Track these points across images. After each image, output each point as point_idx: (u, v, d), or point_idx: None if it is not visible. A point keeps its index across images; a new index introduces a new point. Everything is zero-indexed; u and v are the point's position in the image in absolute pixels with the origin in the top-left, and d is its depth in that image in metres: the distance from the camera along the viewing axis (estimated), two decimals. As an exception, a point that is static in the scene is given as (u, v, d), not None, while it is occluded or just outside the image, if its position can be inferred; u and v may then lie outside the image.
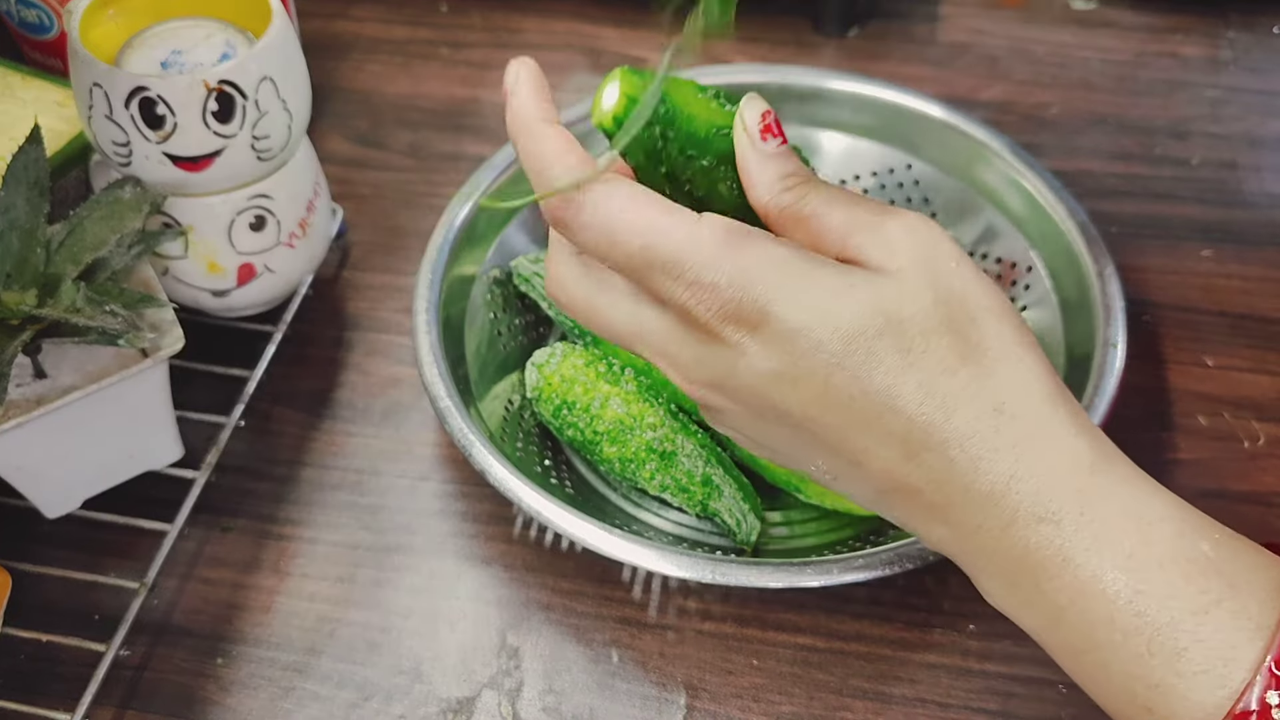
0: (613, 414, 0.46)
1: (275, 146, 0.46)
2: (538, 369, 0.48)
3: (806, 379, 0.29)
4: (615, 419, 0.46)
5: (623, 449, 0.46)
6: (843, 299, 0.29)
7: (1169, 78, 0.68)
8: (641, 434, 0.45)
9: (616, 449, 0.46)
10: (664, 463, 0.45)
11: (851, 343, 0.29)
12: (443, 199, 0.53)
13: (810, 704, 0.42)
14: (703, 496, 0.45)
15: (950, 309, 0.29)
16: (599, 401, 0.46)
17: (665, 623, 0.44)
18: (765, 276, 0.29)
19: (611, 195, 0.30)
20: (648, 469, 0.45)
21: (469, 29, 0.72)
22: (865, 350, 0.29)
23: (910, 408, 0.29)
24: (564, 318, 0.51)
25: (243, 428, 0.50)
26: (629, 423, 0.46)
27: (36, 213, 0.41)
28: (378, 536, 0.47)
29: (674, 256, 0.29)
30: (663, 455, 0.45)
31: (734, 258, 0.29)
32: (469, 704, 0.42)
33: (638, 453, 0.45)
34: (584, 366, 0.47)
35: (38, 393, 0.41)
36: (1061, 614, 0.29)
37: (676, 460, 0.45)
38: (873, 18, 0.72)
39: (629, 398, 0.46)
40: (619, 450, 0.46)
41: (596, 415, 0.46)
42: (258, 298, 0.51)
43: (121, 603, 0.44)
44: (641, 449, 0.45)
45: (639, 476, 0.46)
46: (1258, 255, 0.58)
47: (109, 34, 0.46)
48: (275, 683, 0.43)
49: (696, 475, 0.45)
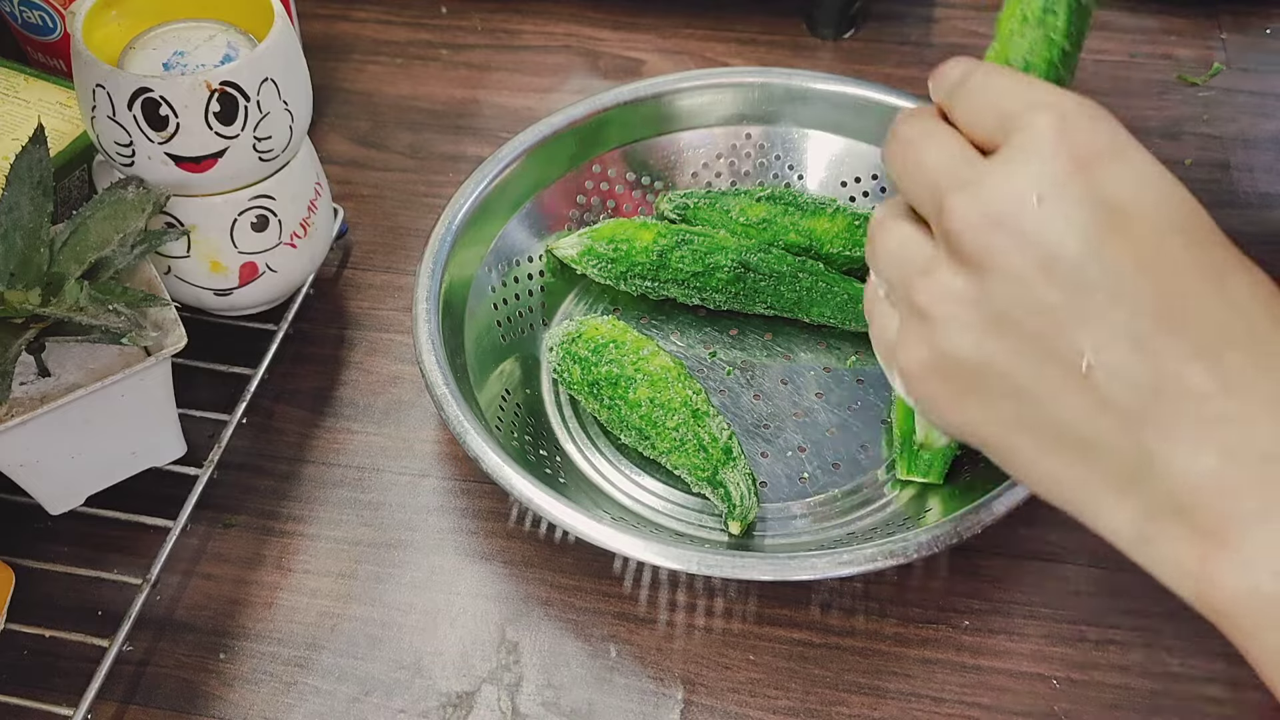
0: (660, 362, 0.49)
1: (277, 147, 0.46)
2: (580, 321, 0.51)
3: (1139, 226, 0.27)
4: (661, 366, 0.48)
5: (658, 393, 0.48)
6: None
7: (1162, 79, 0.69)
8: (681, 387, 0.48)
9: (652, 391, 0.48)
10: (694, 418, 0.47)
11: (1196, 215, 0.27)
12: (443, 199, 0.53)
13: (806, 698, 0.43)
14: (717, 461, 0.46)
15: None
16: (649, 350, 0.49)
17: (663, 618, 0.45)
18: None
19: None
20: (675, 419, 0.47)
21: (469, 30, 0.72)
22: (1207, 227, 0.27)
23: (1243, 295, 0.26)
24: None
25: (245, 425, 0.51)
26: (673, 374, 0.48)
27: (40, 212, 0.41)
28: (378, 533, 0.48)
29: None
30: (695, 411, 0.47)
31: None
32: (469, 698, 0.43)
33: (671, 400, 0.47)
34: (632, 328, 0.51)
35: (41, 391, 0.42)
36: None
37: (706, 421, 0.47)
38: (868, 20, 0.72)
39: (674, 363, 0.49)
40: (654, 393, 0.47)
41: (643, 359, 0.49)
42: (260, 297, 0.51)
43: (124, 598, 0.44)
44: (676, 398, 0.47)
45: (663, 425, 0.47)
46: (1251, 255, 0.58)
47: (112, 35, 0.47)
48: (277, 677, 0.43)
49: (720, 440, 0.47)
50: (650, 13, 0.73)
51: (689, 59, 0.70)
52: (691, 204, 0.57)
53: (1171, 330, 0.26)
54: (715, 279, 0.53)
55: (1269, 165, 0.63)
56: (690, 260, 0.53)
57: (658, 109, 0.58)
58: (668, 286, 0.54)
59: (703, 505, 0.48)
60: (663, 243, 0.53)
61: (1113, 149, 0.27)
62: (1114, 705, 0.42)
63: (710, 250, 0.53)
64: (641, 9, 0.73)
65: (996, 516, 0.42)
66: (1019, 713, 0.42)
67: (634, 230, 0.54)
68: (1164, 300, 0.26)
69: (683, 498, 0.49)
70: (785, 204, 0.55)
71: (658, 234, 0.53)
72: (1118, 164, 0.27)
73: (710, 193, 0.57)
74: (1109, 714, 0.42)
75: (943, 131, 0.31)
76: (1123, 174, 0.27)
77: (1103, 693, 0.43)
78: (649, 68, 0.70)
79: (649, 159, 0.58)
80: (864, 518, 0.47)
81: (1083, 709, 0.42)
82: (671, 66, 0.69)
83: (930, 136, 0.31)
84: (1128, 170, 0.27)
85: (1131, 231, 0.27)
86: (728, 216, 0.55)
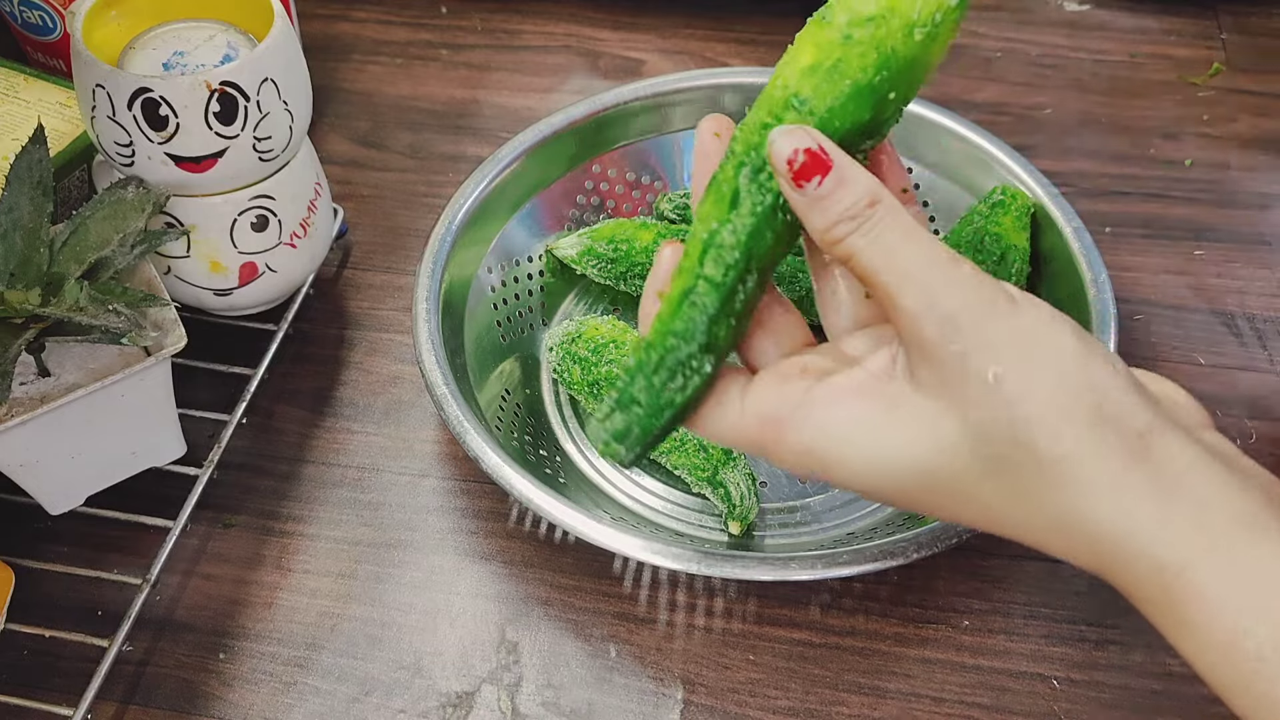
0: None
1: (277, 147, 0.46)
2: (580, 321, 0.51)
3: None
4: None
5: None
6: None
7: (1162, 79, 0.69)
8: None
9: None
10: None
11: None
12: (443, 199, 0.53)
13: (806, 698, 0.43)
14: (717, 461, 0.46)
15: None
16: None
17: (663, 618, 0.45)
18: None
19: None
20: None
21: (468, 31, 0.72)
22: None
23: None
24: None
25: (245, 425, 0.51)
26: None
27: (40, 212, 0.41)
28: (378, 533, 0.48)
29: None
30: None
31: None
32: (468, 698, 0.43)
33: None
34: (632, 328, 0.51)
35: (41, 391, 0.42)
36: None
37: None
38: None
39: None
40: None
41: None
42: (260, 297, 0.51)
43: (124, 598, 0.44)
44: None
45: None
46: (1250, 255, 0.58)
47: (112, 35, 0.47)
48: (277, 677, 0.43)
49: None
50: (650, 13, 0.73)
51: (689, 59, 0.70)
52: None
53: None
54: (715, 279, 0.53)
55: (1268, 165, 0.63)
56: (690, 260, 0.53)
57: (658, 109, 0.58)
58: (668, 286, 0.54)
59: (703, 505, 0.48)
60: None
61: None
62: (1114, 705, 0.42)
63: (710, 250, 0.53)
64: (641, 9, 0.73)
65: (996, 516, 0.42)
66: (1019, 713, 0.42)
67: (634, 230, 0.54)
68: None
69: (683, 498, 0.49)
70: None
71: (658, 234, 0.53)
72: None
73: (710, 193, 0.57)
74: (1109, 714, 0.42)
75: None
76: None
77: (1103, 693, 0.43)
78: (649, 68, 0.70)
79: (649, 159, 0.58)
80: (864, 518, 0.47)
81: (1083, 709, 0.42)
82: (671, 66, 0.69)
83: None
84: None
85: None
86: (728, 216, 0.55)
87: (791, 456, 0.30)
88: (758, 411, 0.30)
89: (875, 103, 0.29)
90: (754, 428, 0.30)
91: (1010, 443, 0.27)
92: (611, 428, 0.31)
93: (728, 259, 0.29)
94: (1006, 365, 0.27)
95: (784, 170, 0.28)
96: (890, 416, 0.28)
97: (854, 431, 0.29)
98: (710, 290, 0.30)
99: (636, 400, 0.30)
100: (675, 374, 0.30)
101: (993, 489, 0.28)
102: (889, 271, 0.28)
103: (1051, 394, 0.27)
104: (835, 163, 0.28)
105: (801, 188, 0.28)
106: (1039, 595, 0.45)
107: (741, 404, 0.31)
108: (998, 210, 0.52)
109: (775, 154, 0.28)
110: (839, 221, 0.28)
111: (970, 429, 0.27)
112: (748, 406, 0.30)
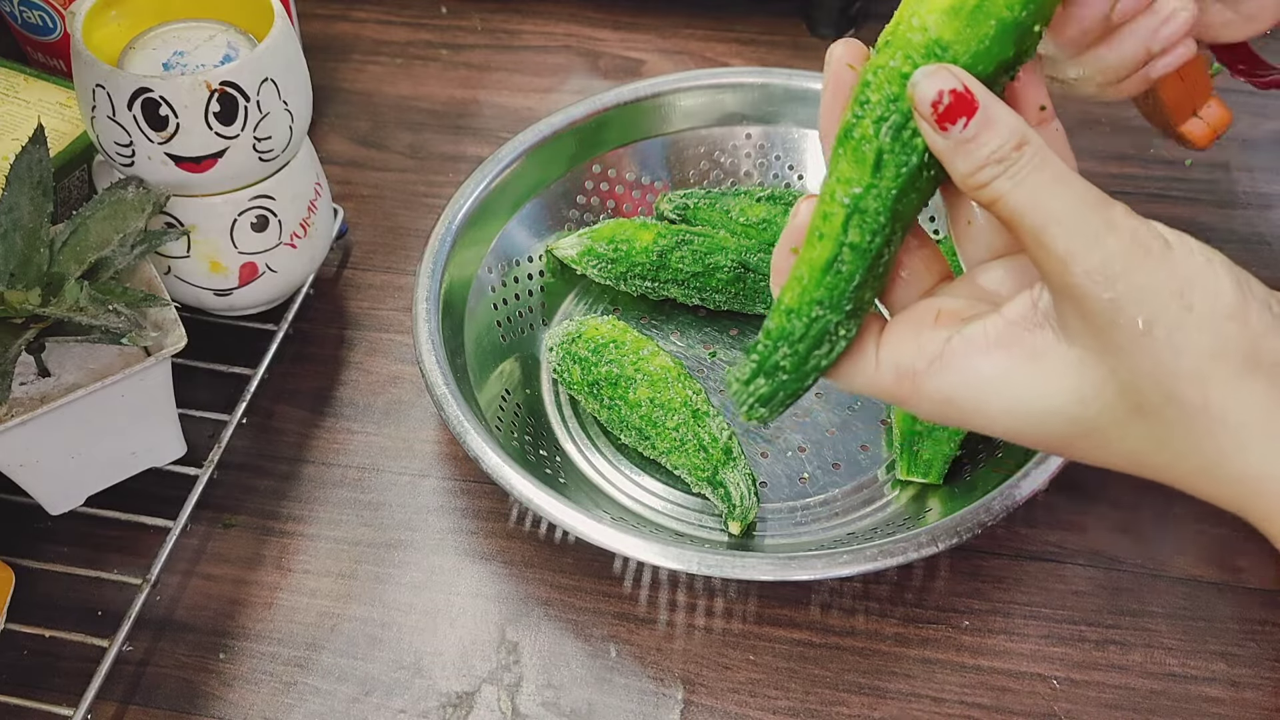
0: (660, 362, 0.49)
1: (277, 147, 0.46)
2: (580, 321, 0.51)
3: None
4: (661, 366, 0.49)
5: (658, 393, 0.48)
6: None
7: (1163, 79, 0.68)
8: (681, 388, 0.48)
9: (652, 392, 0.48)
10: (694, 418, 0.47)
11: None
12: (443, 199, 0.53)
13: (806, 699, 0.43)
14: (717, 462, 0.46)
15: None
16: (649, 350, 0.49)
17: (663, 618, 0.45)
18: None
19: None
20: (675, 419, 0.47)
21: (468, 31, 0.72)
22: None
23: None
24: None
25: (245, 425, 0.51)
26: (673, 374, 0.48)
27: (40, 212, 0.41)
28: (378, 533, 0.48)
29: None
30: (695, 412, 0.47)
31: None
32: (468, 698, 0.43)
33: (672, 400, 0.47)
34: (632, 328, 0.51)
35: (41, 391, 0.42)
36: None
37: (706, 421, 0.47)
38: (868, 20, 0.72)
39: (674, 363, 0.49)
40: (654, 393, 0.48)
41: (643, 359, 0.49)
42: (260, 297, 0.51)
43: (124, 598, 0.44)
44: (677, 398, 0.48)
45: (663, 425, 0.47)
46: (1250, 255, 0.58)
47: (112, 35, 0.47)
48: (277, 677, 0.43)
49: (720, 440, 0.47)
50: (650, 13, 0.73)
51: (689, 59, 0.70)
52: (691, 204, 0.57)
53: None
54: (715, 279, 0.53)
55: (1269, 165, 0.63)
56: (690, 260, 0.53)
57: (658, 109, 0.58)
58: (668, 287, 0.54)
59: (703, 505, 0.48)
60: (663, 243, 0.53)
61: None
62: (1114, 705, 0.42)
63: (710, 250, 0.53)
64: (641, 9, 0.73)
65: (996, 516, 0.42)
66: (1019, 713, 0.42)
67: (634, 230, 0.54)
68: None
69: (683, 498, 0.49)
70: (785, 204, 0.55)
71: (658, 234, 0.53)
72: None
73: (710, 193, 0.57)
74: (1109, 714, 0.42)
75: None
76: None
77: (1103, 693, 0.43)
78: (649, 68, 0.70)
79: (649, 159, 0.58)
80: (864, 518, 0.47)
81: (1083, 709, 0.42)
82: (671, 66, 0.69)
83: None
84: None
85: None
86: (728, 216, 0.55)
87: (929, 405, 0.30)
88: (895, 364, 0.30)
89: (1020, 37, 0.27)
90: (890, 380, 0.30)
91: (1160, 392, 0.27)
92: (756, 392, 0.31)
93: (873, 224, 0.28)
94: (1159, 313, 0.26)
95: (928, 113, 0.27)
96: (1033, 366, 0.28)
97: (995, 383, 0.28)
98: (855, 258, 0.29)
99: (781, 368, 0.30)
100: (821, 342, 0.30)
101: (1140, 435, 0.28)
102: (1037, 215, 0.27)
103: (1205, 344, 0.26)
104: (981, 103, 0.27)
105: (946, 130, 0.27)
106: (1039, 595, 0.45)
107: (877, 356, 0.30)
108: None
109: (920, 97, 0.27)
110: (985, 165, 0.27)
111: (1119, 378, 0.27)
112: (883, 359, 0.30)
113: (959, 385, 0.29)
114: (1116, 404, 0.27)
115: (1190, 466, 0.28)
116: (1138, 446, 0.28)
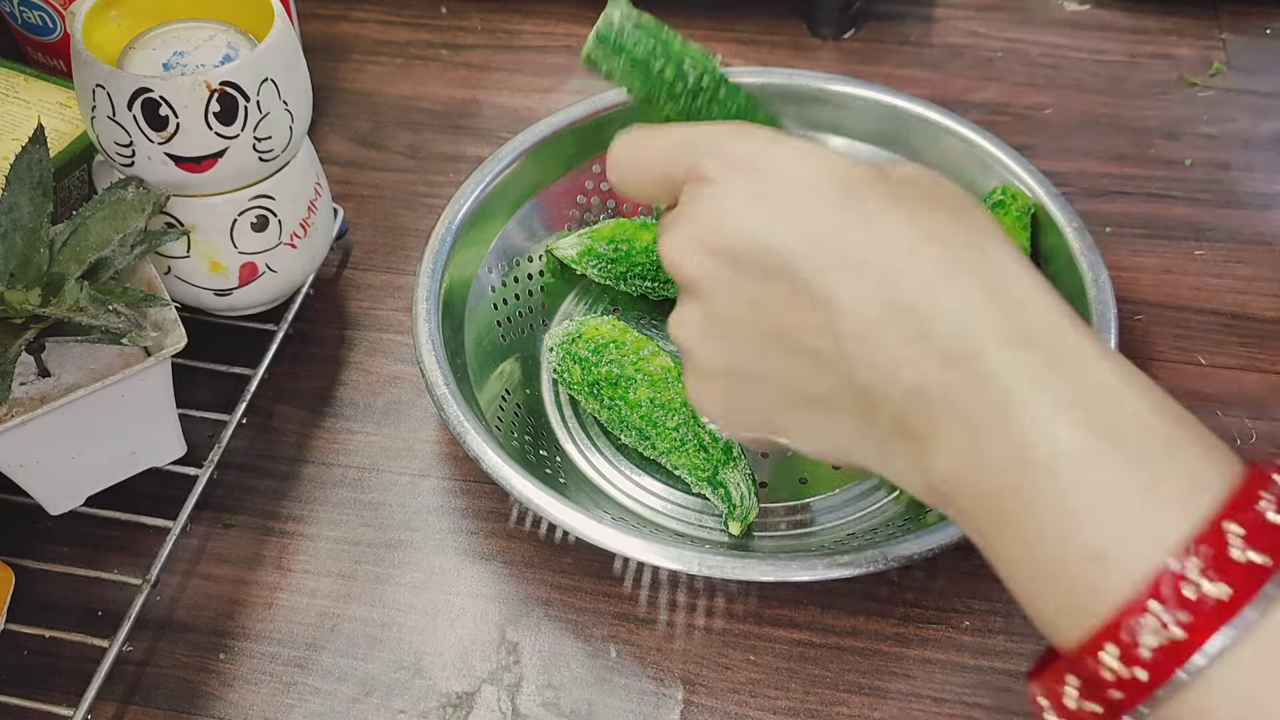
0: (660, 363, 0.49)
1: (277, 147, 0.46)
2: (580, 321, 0.51)
3: (800, 206, 0.29)
4: (662, 366, 0.48)
5: (659, 393, 0.48)
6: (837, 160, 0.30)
7: (1162, 79, 0.69)
8: (681, 387, 0.48)
9: (652, 392, 0.48)
10: (694, 418, 0.47)
11: (845, 182, 0.29)
12: (443, 199, 0.53)
13: (806, 699, 0.43)
14: (718, 462, 0.46)
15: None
16: (649, 350, 0.49)
17: (663, 618, 0.45)
18: (753, 133, 0.31)
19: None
20: (675, 419, 0.47)
21: (469, 31, 0.72)
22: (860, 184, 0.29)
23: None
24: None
25: (245, 425, 0.51)
26: (673, 374, 0.48)
27: (40, 213, 0.41)
28: (378, 533, 0.48)
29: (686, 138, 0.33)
30: (695, 412, 0.47)
31: (728, 128, 0.32)
32: (469, 699, 0.43)
33: (671, 400, 0.47)
34: (632, 328, 0.51)
35: (41, 391, 0.42)
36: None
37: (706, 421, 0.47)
38: (868, 20, 0.72)
39: (675, 364, 0.49)
40: (654, 393, 0.48)
41: (643, 359, 0.49)
42: (260, 297, 0.51)
43: (124, 599, 0.44)
44: (677, 398, 0.48)
45: (663, 426, 0.47)
46: (1250, 255, 0.58)
47: (112, 35, 0.47)
48: (277, 678, 0.43)
49: (720, 440, 0.47)
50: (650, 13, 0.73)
51: (689, 59, 0.70)
52: (691, 204, 0.56)
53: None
54: (715, 279, 0.53)
55: (1269, 165, 0.63)
56: (690, 260, 0.53)
57: (658, 109, 0.58)
58: (668, 286, 0.54)
59: (703, 505, 0.48)
60: (663, 243, 0.53)
61: (762, 150, 0.30)
62: (1114, 705, 0.42)
63: (710, 250, 0.53)
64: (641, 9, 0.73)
65: (997, 516, 0.42)
66: (1020, 713, 0.42)
67: (634, 230, 0.54)
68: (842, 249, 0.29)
69: (683, 498, 0.49)
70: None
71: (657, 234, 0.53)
72: (771, 157, 0.30)
73: (710, 193, 0.57)
74: (1109, 714, 0.42)
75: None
76: (778, 164, 0.30)
77: (1103, 693, 0.43)
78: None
79: (649, 159, 0.58)
80: (864, 518, 0.47)
81: (1083, 709, 0.42)
82: (671, 66, 0.69)
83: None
84: (779, 162, 0.30)
85: (793, 207, 0.29)
86: (728, 216, 0.55)
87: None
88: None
89: None
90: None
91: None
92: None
93: None
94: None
95: None
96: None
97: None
98: None
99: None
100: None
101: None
102: None
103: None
104: None
105: None
106: (1039, 595, 0.45)
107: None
108: (998, 210, 0.52)
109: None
110: None
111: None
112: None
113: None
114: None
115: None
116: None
